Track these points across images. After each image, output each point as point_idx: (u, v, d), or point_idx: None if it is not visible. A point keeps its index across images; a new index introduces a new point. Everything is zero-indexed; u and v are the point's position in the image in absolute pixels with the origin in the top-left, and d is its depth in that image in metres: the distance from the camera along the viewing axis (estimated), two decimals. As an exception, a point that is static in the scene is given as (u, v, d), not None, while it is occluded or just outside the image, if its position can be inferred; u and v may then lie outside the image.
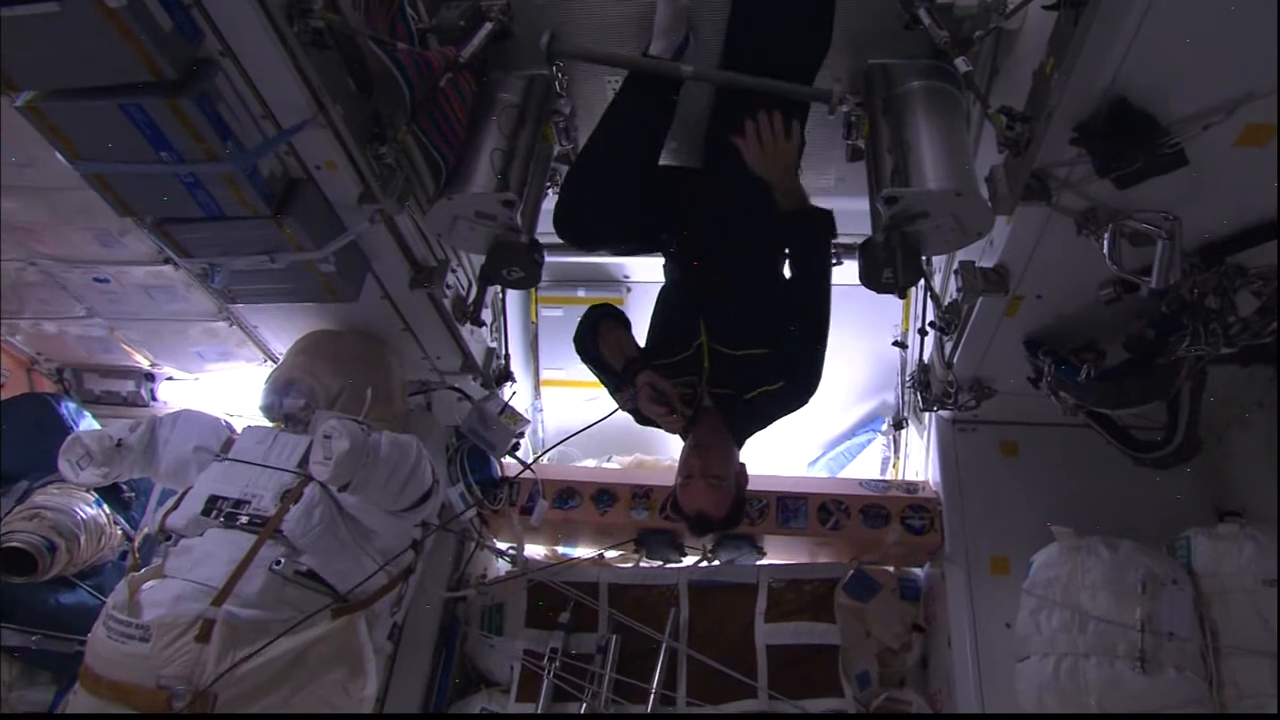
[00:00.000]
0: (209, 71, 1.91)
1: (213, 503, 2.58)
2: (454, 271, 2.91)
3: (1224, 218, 2.02)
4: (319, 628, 2.44)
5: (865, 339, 4.08)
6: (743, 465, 2.53)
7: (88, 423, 3.55)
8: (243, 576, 2.39)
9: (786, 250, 2.51)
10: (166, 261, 2.96)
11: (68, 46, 1.71)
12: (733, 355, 2.43)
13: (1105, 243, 1.98)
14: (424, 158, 2.30)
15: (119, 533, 3.41)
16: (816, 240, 2.45)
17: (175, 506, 2.64)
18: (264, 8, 1.76)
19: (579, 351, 2.63)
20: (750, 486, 3.47)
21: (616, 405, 2.58)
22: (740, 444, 2.55)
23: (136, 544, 3.32)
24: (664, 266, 2.76)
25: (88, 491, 3.27)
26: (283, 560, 2.46)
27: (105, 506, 3.35)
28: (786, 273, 2.53)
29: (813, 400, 2.47)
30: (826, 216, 2.47)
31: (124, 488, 3.45)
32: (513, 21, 2.52)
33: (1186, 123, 1.74)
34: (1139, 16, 1.55)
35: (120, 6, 1.60)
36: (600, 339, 2.56)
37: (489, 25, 2.45)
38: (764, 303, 2.46)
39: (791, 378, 2.40)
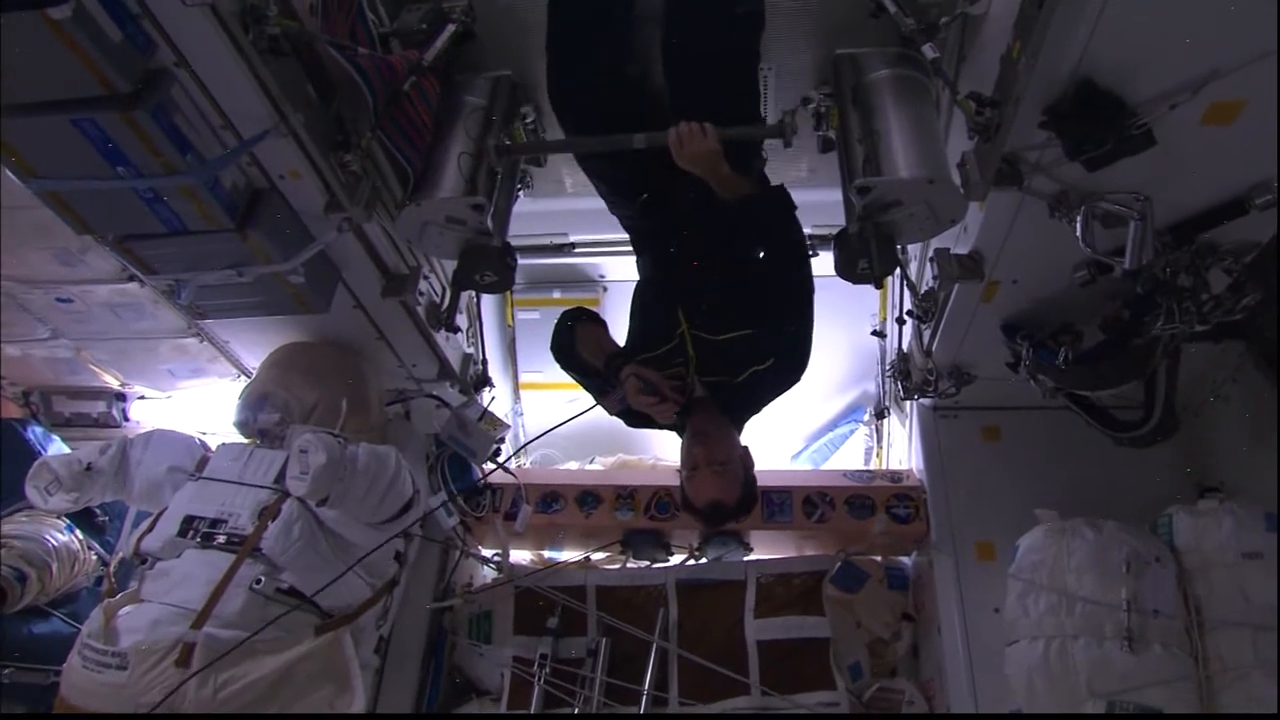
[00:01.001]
0: (164, 83, 1.87)
1: (189, 523, 2.53)
2: (426, 278, 2.87)
3: (1193, 196, 2.03)
4: (303, 645, 2.41)
5: (843, 330, 4.08)
6: (745, 448, 2.48)
7: (56, 447, 3.48)
8: (222, 597, 2.35)
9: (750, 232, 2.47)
10: (131, 279, 2.89)
11: (13, 61, 1.66)
12: (717, 340, 2.40)
13: (1078, 225, 1.99)
14: (390, 163, 2.26)
15: (93, 558, 3.34)
16: (772, 218, 2.40)
17: (150, 529, 2.60)
18: (217, 15, 1.71)
19: (558, 359, 2.57)
20: (735, 483, 3.48)
21: (605, 409, 2.51)
22: (739, 429, 2.52)
23: (112, 569, 3.26)
24: (636, 263, 2.74)
25: (59, 518, 3.20)
26: (263, 579, 2.42)
27: (78, 532, 3.29)
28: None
29: (794, 391, 2.46)
30: (775, 193, 2.42)
31: (97, 512, 3.38)
32: (475, 23, 2.50)
33: (1153, 103, 1.75)
34: (1102, -2, 1.55)
35: (65, 18, 1.55)
36: (578, 342, 2.52)
37: (451, 27, 2.43)
38: (740, 283, 2.42)
39: (781, 353, 2.38)
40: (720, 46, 2.35)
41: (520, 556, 3.86)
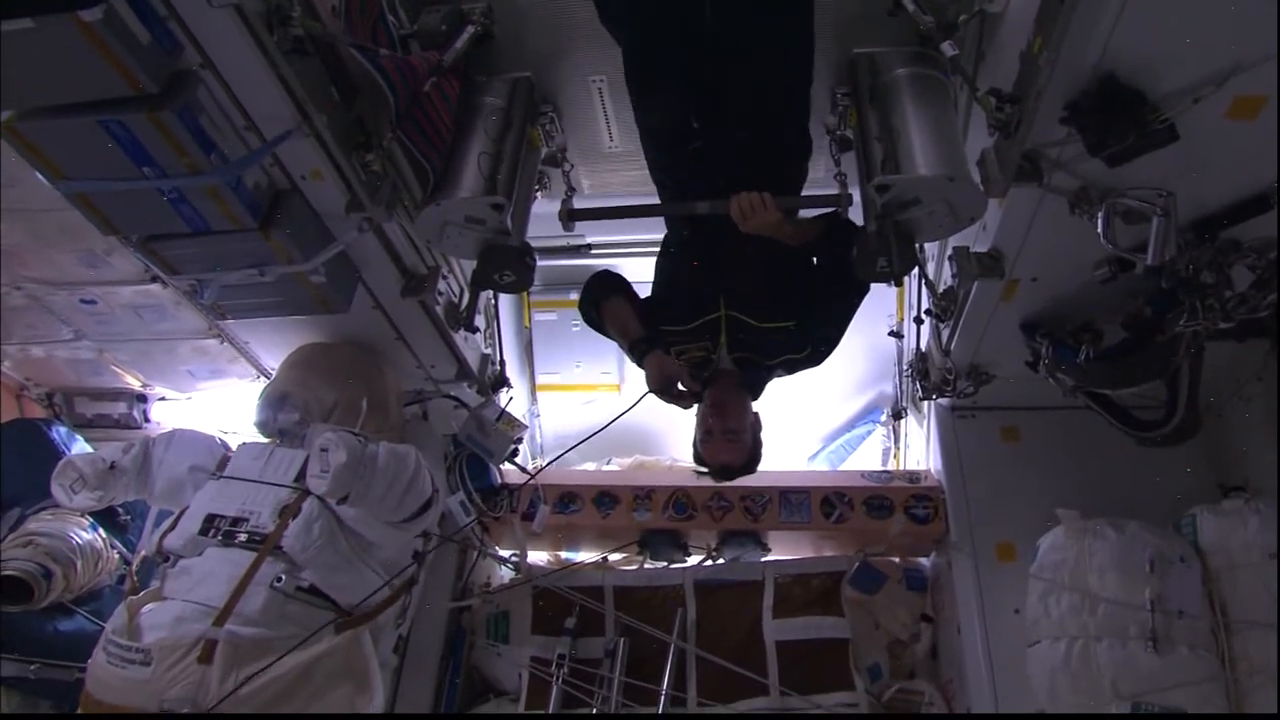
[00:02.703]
0: (190, 84, 1.90)
1: (210, 522, 2.55)
2: (445, 278, 2.88)
3: (1217, 192, 2.01)
4: (323, 643, 2.41)
5: (861, 330, 4.00)
6: (757, 414, 2.60)
7: (80, 446, 3.52)
8: (243, 595, 2.36)
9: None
10: (154, 280, 2.93)
11: (44, 63, 1.69)
12: (758, 327, 2.47)
13: (1100, 221, 1.97)
14: (410, 164, 2.28)
15: (116, 556, 3.38)
16: (838, 248, 2.40)
17: (172, 527, 2.61)
18: (243, 17, 1.74)
19: (588, 323, 2.71)
20: (752, 482, 3.49)
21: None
22: (756, 396, 2.65)
23: (134, 567, 3.27)
24: (668, 223, 2.72)
25: (83, 516, 3.24)
26: (283, 577, 2.43)
27: (101, 530, 3.32)
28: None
29: (811, 392, 2.50)
30: (837, 225, 2.46)
31: (120, 510, 3.42)
32: (494, 24, 2.51)
33: (1176, 97, 1.74)
34: (1124, -8, 1.54)
35: (96, 20, 1.58)
36: (605, 319, 2.62)
37: (471, 29, 2.44)
38: (790, 276, 2.47)
39: (817, 344, 2.50)
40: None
41: (538, 557, 3.86)
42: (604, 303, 2.62)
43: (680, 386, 2.47)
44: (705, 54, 2.31)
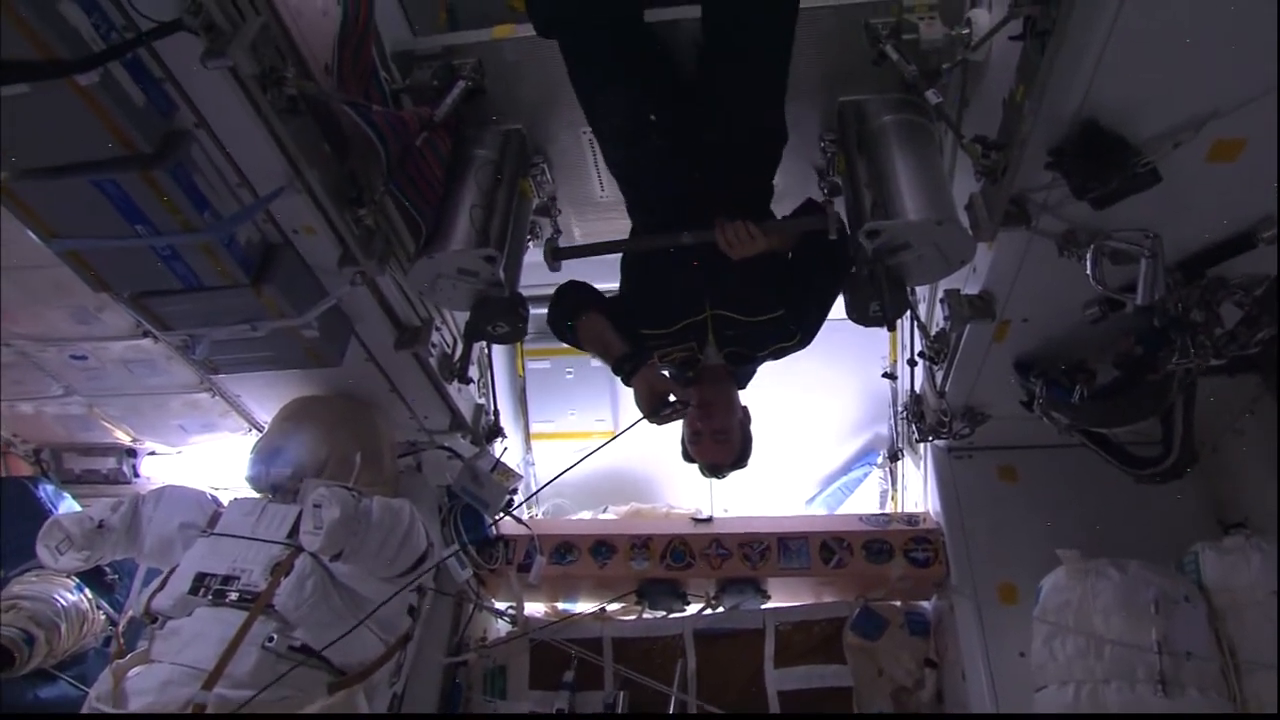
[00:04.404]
0: (184, 143, 1.91)
1: (200, 580, 2.51)
2: (438, 330, 2.88)
3: (1202, 231, 2.04)
4: (316, 704, 2.36)
5: (854, 373, 4.08)
6: (745, 409, 2.56)
7: (67, 505, 3.47)
8: (234, 656, 2.31)
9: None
10: (145, 335, 2.92)
11: (40, 126, 1.70)
12: (747, 321, 2.43)
13: (1089, 263, 1.99)
14: (403, 217, 2.29)
15: (102, 618, 3.31)
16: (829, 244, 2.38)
17: (161, 587, 2.57)
18: (237, 79, 1.76)
19: (558, 336, 2.58)
20: (749, 529, 3.46)
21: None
22: (744, 386, 2.63)
23: (120, 628, 3.22)
24: (632, 214, 2.61)
25: (68, 576, 3.17)
26: (275, 636, 2.38)
27: (87, 591, 3.26)
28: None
29: (807, 435, 2.47)
30: (822, 221, 2.35)
31: (107, 570, 3.35)
32: (485, 79, 2.55)
33: (1156, 142, 1.77)
34: (1102, 42, 1.58)
35: (92, 84, 1.59)
36: (581, 337, 2.49)
37: (462, 84, 2.47)
38: (772, 264, 2.38)
39: (806, 328, 2.46)
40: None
41: (535, 609, 3.80)
42: (579, 320, 2.47)
43: (672, 398, 2.33)
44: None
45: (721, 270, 2.32)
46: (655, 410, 2.32)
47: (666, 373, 2.55)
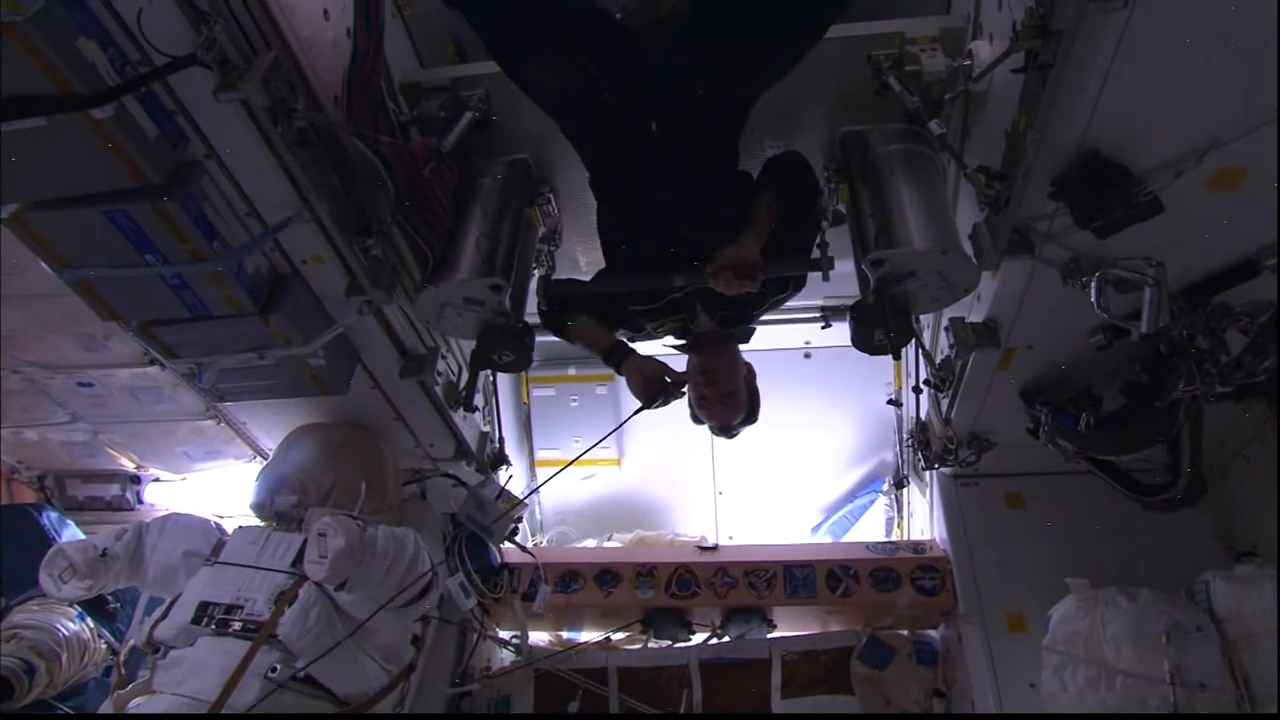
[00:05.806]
0: (194, 174, 1.93)
1: (203, 610, 2.49)
2: (444, 358, 2.89)
3: (1205, 259, 2.05)
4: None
5: (859, 400, 4.07)
6: (749, 365, 2.49)
7: (71, 532, 3.46)
8: (236, 687, 2.29)
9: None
10: (152, 363, 2.93)
11: (55, 158, 1.72)
12: (731, 295, 2.32)
13: (1093, 291, 2.00)
14: (410, 246, 2.31)
15: (103, 647, 3.28)
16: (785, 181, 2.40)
17: (164, 616, 2.55)
18: (249, 111, 1.78)
19: (548, 327, 2.54)
20: (754, 558, 3.43)
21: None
22: (747, 341, 2.57)
23: (122, 658, 3.19)
24: (597, 182, 2.50)
25: (70, 605, 3.15)
26: (278, 667, 2.36)
27: (89, 619, 3.24)
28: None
29: (811, 463, 2.44)
30: (773, 167, 2.38)
31: (109, 598, 3.34)
32: (492, 110, 2.58)
33: (1159, 171, 1.79)
34: (1103, 74, 1.60)
35: (107, 118, 1.62)
36: (574, 338, 2.48)
37: (469, 114, 2.51)
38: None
39: (798, 280, 2.40)
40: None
41: (539, 638, 3.77)
42: (570, 322, 2.45)
43: (666, 379, 2.30)
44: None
45: (703, 237, 2.25)
46: (650, 394, 2.29)
47: (668, 339, 2.52)
